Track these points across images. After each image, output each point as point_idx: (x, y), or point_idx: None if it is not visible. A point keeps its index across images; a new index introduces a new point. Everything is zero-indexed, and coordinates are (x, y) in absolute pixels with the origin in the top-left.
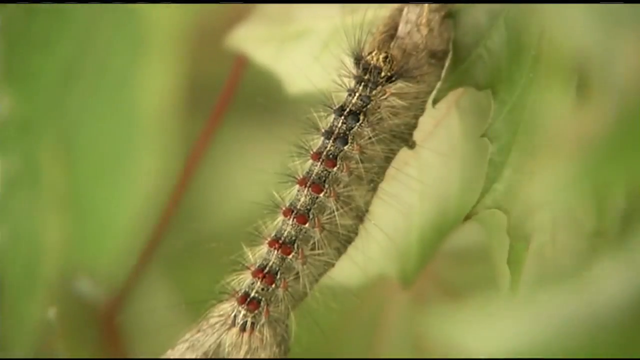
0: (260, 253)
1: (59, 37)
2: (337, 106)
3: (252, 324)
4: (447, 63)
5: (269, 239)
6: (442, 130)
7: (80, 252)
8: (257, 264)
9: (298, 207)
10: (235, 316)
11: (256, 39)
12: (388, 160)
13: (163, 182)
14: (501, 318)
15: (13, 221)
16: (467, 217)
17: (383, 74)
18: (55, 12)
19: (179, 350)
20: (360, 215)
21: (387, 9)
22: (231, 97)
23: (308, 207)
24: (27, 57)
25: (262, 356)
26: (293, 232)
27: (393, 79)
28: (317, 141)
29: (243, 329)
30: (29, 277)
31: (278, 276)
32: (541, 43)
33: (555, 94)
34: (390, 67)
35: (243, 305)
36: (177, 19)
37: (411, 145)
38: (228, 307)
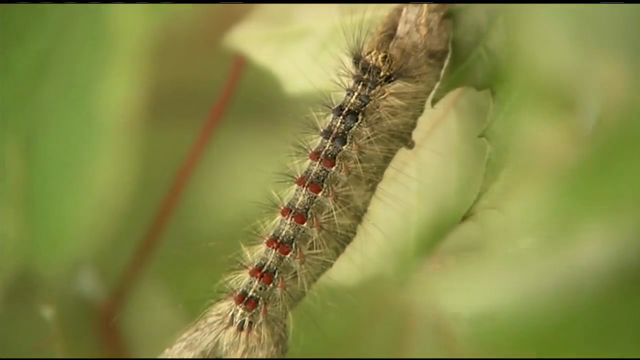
0: (258, 252)
1: (33, 35)
2: (335, 106)
3: (250, 323)
4: (446, 63)
5: (267, 239)
6: (440, 131)
7: (32, 247)
8: (255, 263)
9: (296, 206)
10: (232, 315)
11: (255, 39)
12: (387, 160)
13: (123, 185)
14: (481, 277)
15: None
16: (465, 218)
17: (382, 73)
18: (31, 9)
19: (176, 349)
20: (358, 215)
21: (386, 9)
22: (230, 96)
23: (306, 207)
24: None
25: (260, 356)
26: (291, 232)
27: (392, 78)
28: (316, 141)
29: (241, 328)
30: None
31: (276, 275)
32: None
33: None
34: (389, 67)
35: (241, 305)
36: (146, 24)
37: (410, 145)
38: (226, 306)
